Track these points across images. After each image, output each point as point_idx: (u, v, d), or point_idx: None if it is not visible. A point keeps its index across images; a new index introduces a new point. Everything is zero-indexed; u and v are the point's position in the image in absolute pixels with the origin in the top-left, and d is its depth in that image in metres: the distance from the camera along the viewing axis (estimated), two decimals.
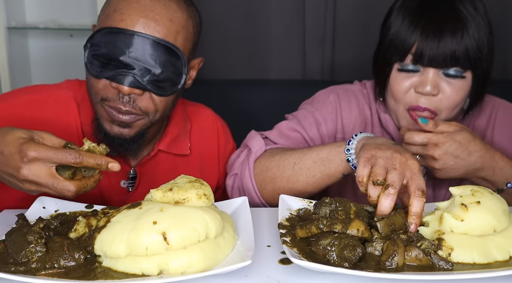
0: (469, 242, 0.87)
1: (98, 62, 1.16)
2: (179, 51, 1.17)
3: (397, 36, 1.28)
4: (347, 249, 0.85)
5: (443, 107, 1.28)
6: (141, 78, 1.14)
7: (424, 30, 1.24)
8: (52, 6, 2.72)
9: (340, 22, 2.34)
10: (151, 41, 1.14)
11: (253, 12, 2.33)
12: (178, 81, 1.20)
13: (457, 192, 0.94)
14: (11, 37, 2.57)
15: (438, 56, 1.23)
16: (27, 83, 2.72)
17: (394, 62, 1.30)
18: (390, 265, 0.84)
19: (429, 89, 1.26)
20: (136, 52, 1.13)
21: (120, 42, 1.13)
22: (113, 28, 1.14)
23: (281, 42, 2.37)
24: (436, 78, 1.26)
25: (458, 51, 1.23)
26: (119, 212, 0.89)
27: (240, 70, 2.38)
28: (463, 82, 1.27)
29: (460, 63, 1.24)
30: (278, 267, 0.89)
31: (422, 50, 1.24)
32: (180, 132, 1.40)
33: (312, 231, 0.92)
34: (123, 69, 1.14)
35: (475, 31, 1.24)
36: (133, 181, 1.35)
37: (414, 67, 1.27)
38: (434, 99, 1.27)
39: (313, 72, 2.38)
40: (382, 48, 1.35)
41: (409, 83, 1.29)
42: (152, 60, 1.14)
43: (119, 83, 1.14)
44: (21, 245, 0.86)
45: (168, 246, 0.83)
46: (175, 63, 1.18)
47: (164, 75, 1.16)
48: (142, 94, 1.17)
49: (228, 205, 1.06)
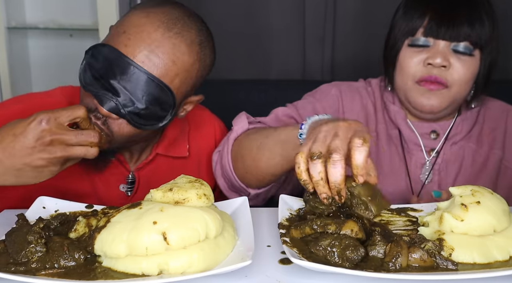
0: (469, 242, 0.87)
1: (90, 73, 1.14)
2: (171, 93, 1.15)
3: (409, 12, 1.32)
4: (349, 250, 0.84)
5: (454, 80, 1.30)
6: (122, 107, 1.12)
7: (437, 5, 1.29)
8: (52, 6, 2.71)
9: (340, 21, 2.34)
10: (145, 76, 1.11)
11: (253, 11, 2.33)
12: (161, 119, 1.18)
13: (457, 192, 0.94)
14: (11, 37, 2.57)
15: (449, 28, 1.26)
16: (27, 83, 2.72)
17: (405, 37, 1.33)
18: (394, 266, 0.83)
19: (439, 61, 1.27)
20: (127, 82, 1.11)
21: (115, 66, 1.12)
22: (115, 49, 1.12)
23: (281, 42, 2.37)
24: (446, 51, 1.29)
25: (469, 26, 1.27)
26: (119, 212, 0.89)
27: (240, 70, 2.38)
28: (472, 60, 1.29)
29: (470, 38, 1.27)
30: (278, 267, 0.89)
31: (434, 23, 1.27)
32: (178, 135, 1.40)
33: (306, 232, 0.92)
34: (109, 92, 1.12)
35: (486, 15, 1.29)
36: (132, 185, 1.35)
37: (425, 41, 1.30)
38: (445, 71, 1.29)
39: (313, 71, 2.38)
40: (393, 28, 1.38)
41: (419, 57, 1.31)
42: (140, 94, 1.12)
43: (99, 104, 1.12)
44: (21, 245, 0.86)
45: (168, 246, 0.82)
46: (164, 102, 1.15)
47: (147, 111, 1.14)
48: (118, 119, 1.15)
49: (228, 205, 1.06)
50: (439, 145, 1.43)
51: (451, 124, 1.43)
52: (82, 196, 1.29)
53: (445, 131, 1.43)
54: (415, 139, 1.42)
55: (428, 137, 1.43)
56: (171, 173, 1.36)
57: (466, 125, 1.43)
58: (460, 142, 1.43)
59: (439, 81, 1.30)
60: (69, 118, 1.07)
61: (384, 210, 1.06)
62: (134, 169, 1.35)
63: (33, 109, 1.26)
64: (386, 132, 1.45)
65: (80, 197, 1.27)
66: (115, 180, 1.33)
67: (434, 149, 1.42)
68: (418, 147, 1.42)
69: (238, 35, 2.35)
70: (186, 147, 1.41)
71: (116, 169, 1.33)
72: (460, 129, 1.43)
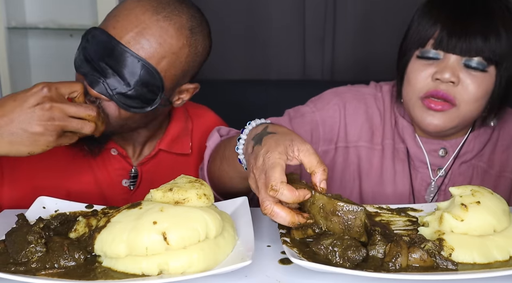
0: (469, 242, 0.87)
1: (82, 56, 1.18)
2: (158, 75, 1.16)
3: (421, 22, 1.23)
4: (350, 250, 0.84)
5: (462, 98, 1.20)
6: (110, 88, 1.15)
7: (449, 15, 1.19)
8: (52, 6, 2.71)
9: (340, 21, 2.34)
10: (131, 57, 1.13)
11: (253, 12, 2.33)
12: (150, 103, 1.19)
13: (457, 192, 0.94)
14: (11, 37, 2.57)
15: (461, 41, 1.17)
16: (27, 83, 2.72)
17: (414, 48, 1.25)
18: (394, 266, 0.83)
19: (448, 76, 1.18)
20: (115, 63, 1.14)
21: (104, 48, 1.14)
22: (104, 31, 1.15)
23: (281, 42, 2.37)
24: (456, 66, 1.19)
25: (483, 40, 1.16)
26: (119, 212, 0.89)
27: (240, 70, 2.38)
28: (485, 76, 1.19)
29: (484, 53, 1.17)
30: (278, 267, 0.89)
31: (445, 34, 1.18)
32: (181, 131, 1.41)
33: (308, 233, 0.92)
34: (97, 73, 1.15)
35: (504, 26, 1.18)
36: (135, 180, 1.35)
37: (435, 54, 1.21)
38: (454, 88, 1.19)
39: (313, 72, 2.39)
40: (405, 37, 1.29)
41: (427, 71, 1.22)
42: (126, 75, 1.14)
43: (89, 85, 1.15)
44: (21, 245, 0.86)
45: (168, 246, 0.82)
46: (151, 84, 1.16)
47: (133, 93, 1.16)
48: (109, 100, 1.17)
49: (228, 205, 1.06)
50: (447, 164, 1.35)
51: (462, 141, 1.34)
52: (85, 193, 1.30)
53: (455, 149, 1.34)
54: (421, 157, 1.35)
55: (436, 155, 1.35)
56: (173, 169, 1.38)
57: (479, 143, 1.34)
58: (470, 161, 1.35)
59: (445, 97, 1.20)
60: (68, 90, 1.12)
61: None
62: (137, 164, 1.36)
63: None
64: (393, 146, 1.37)
65: (83, 193, 1.28)
66: (117, 175, 1.34)
67: (442, 168, 1.35)
68: (425, 164, 1.35)
69: (238, 35, 2.35)
70: (189, 144, 1.42)
71: (119, 164, 1.35)
72: (471, 147, 1.34)
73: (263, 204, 0.87)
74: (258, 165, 0.89)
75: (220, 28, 2.32)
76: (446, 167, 1.35)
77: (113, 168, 1.34)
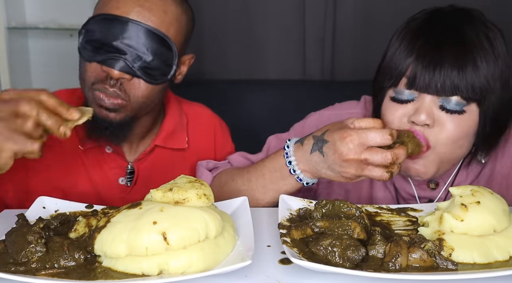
0: (469, 242, 0.87)
1: (91, 46, 1.20)
2: (171, 42, 1.21)
3: (393, 58, 1.13)
4: (349, 249, 0.84)
5: (438, 141, 1.10)
6: (132, 64, 1.18)
7: (421, 51, 1.08)
8: (52, 6, 2.72)
9: (340, 22, 2.34)
10: (144, 29, 1.18)
11: (253, 12, 2.33)
12: (168, 71, 1.24)
13: (457, 192, 0.94)
14: (11, 37, 2.58)
15: (435, 77, 1.06)
16: (27, 83, 2.72)
17: (388, 87, 1.14)
18: (394, 266, 0.83)
19: (423, 119, 1.08)
20: (129, 39, 1.18)
21: (114, 28, 1.18)
22: (108, 14, 1.19)
23: (281, 43, 2.37)
24: (433, 107, 1.09)
25: (458, 73, 1.05)
26: (119, 212, 0.89)
27: (239, 70, 2.38)
28: (464, 117, 1.08)
29: (461, 91, 1.05)
30: (278, 267, 0.89)
31: (418, 69, 1.07)
32: (176, 126, 1.42)
33: (307, 233, 0.92)
34: (115, 53, 1.18)
35: (482, 58, 1.06)
36: (132, 176, 1.36)
37: (409, 95, 1.10)
38: (429, 130, 1.09)
39: (313, 72, 2.38)
40: (378, 72, 1.20)
41: (401, 112, 1.12)
42: (144, 48, 1.19)
43: (109, 67, 1.18)
44: (21, 245, 0.86)
45: (168, 246, 0.82)
46: (166, 53, 1.22)
47: (155, 63, 1.20)
48: (131, 79, 1.21)
49: (228, 205, 1.06)
50: (439, 196, 1.25)
51: (454, 171, 1.24)
52: (82, 194, 1.30)
53: (447, 181, 1.24)
54: (409, 190, 1.26)
55: (426, 187, 1.26)
56: (169, 164, 1.39)
57: (473, 171, 1.23)
58: None
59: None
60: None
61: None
62: (133, 161, 1.37)
63: None
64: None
65: (80, 194, 1.28)
66: (113, 174, 1.35)
67: (433, 201, 1.24)
68: (413, 197, 1.26)
69: (238, 35, 2.35)
70: (185, 139, 1.44)
71: (114, 163, 1.35)
72: (465, 177, 1.24)
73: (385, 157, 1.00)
74: (345, 148, 1.02)
75: (219, 28, 2.33)
76: (438, 200, 1.26)
77: (108, 167, 1.34)
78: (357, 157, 1.02)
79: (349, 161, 1.03)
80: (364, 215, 0.96)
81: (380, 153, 1.01)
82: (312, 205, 1.07)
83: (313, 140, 1.10)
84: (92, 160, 1.33)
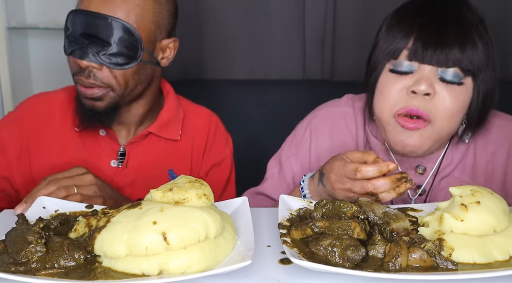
0: (469, 242, 0.87)
1: (67, 41, 1.31)
2: (131, 27, 1.26)
3: (391, 33, 1.17)
4: (349, 249, 0.84)
5: (438, 112, 1.14)
6: (96, 53, 1.26)
7: (423, 25, 1.13)
8: (52, 6, 2.71)
9: (340, 24, 2.34)
10: (102, 19, 1.25)
11: (253, 13, 2.33)
12: (134, 55, 1.29)
13: (457, 192, 0.94)
14: (11, 37, 2.57)
15: (437, 52, 1.11)
16: (27, 83, 2.72)
17: (386, 60, 1.17)
18: (394, 266, 0.83)
19: (424, 88, 1.11)
20: (90, 30, 1.26)
21: (78, 22, 1.28)
22: (75, 10, 1.30)
23: (281, 44, 2.37)
24: (432, 78, 1.13)
25: (460, 50, 1.11)
26: (119, 212, 0.89)
27: (240, 70, 2.38)
28: (461, 89, 1.14)
29: (461, 63, 1.11)
30: (278, 267, 0.89)
31: (419, 44, 1.12)
32: (172, 118, 1.47)
33: (307, 233, 0.92)
34: (80, 45, 1.27)
35: (480, 37, 1.13)
36: (123, 157, 1.42)
37: (409, 66, 1.14)
38: (429, 102, 1.13)
39: (313, 72, 2.38)
40: (374, 49, 1.22)
41: (401, 85, 1.15)
42: (104, 36, 1.26)
43: (78, 58, 1.27)
44: (21, 245, 0.86)
45: (168, 246, 0.83)
46: (128, 38, 1.27)
47: (117, 50, 1.27)
48: (101, 68, 1.28)
49: (228, 205, 1.06)
50: (426, 181, 1.28)
51: (440, 157, 1.28)
52: None
53: (433, 166, 1.28)
54: None
55: (414, 173, 1.28)
56: (161, 154, 1.46)
57: (458, 153, 1.28)
58: (451, 174, 1.28)
59: (420, 114, 1.13)
60: None
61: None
62: (126, 144, 1.42)
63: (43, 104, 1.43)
64: None
65: None
66: (106, 156, 1.41)
67: (421, 187, 1.28)
68: None
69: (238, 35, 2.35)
70: (179, 131, 1.48)
71: (107, 145, 1.42)
72: (450, 160, 1.28)
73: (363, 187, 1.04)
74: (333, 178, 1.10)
75: (220, 28, 2.33)
76: (426, 185, 1.29)
77: (101, 149, 1.41)
78: (342, 187, 1.09)
79: (338, 190, 1.10)
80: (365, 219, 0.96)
81: (358, 184, 1.06)
82: (312, 205, 1.07)
83: (318, 174, 1.18)
84: (86, 142, 1.40)
